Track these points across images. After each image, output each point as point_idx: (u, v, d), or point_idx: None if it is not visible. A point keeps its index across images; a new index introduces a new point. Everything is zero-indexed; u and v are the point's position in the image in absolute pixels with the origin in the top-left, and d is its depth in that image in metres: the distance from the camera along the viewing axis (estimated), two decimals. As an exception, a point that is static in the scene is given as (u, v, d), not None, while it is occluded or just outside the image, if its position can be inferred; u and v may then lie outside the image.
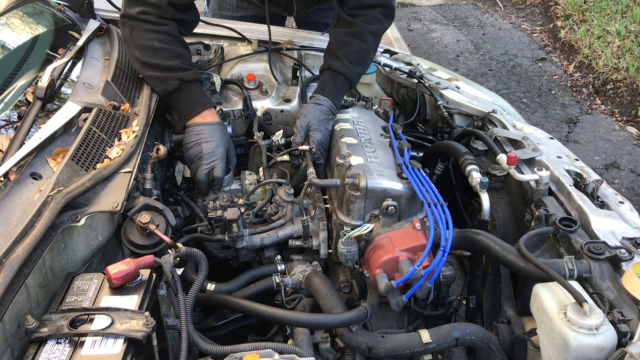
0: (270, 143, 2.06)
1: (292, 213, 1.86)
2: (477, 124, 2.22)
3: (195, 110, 2.00)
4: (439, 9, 7.53)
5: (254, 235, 1.82)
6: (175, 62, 2.00)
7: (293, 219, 1.86)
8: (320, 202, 1.85)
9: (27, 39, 2.06)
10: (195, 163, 1.95)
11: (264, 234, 1.83)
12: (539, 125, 4.79)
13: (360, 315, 1.52)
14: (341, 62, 2.14)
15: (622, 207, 1.65)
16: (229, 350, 1.30)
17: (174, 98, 2.02)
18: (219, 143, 1.96)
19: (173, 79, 1.98)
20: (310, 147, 1.94)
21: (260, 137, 2.08)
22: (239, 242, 1.78)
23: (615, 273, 1.42)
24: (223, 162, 1.95)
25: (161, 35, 2.01)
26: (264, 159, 2.01)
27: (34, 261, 1.24)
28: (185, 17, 2.11)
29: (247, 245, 1.81)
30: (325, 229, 1.81)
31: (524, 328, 1.64)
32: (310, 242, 1.82)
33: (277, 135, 2.07)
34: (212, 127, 1.99)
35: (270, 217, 1.86)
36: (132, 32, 2.03)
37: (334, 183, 1.72)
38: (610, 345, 1.24)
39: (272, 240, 1.84)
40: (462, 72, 5.74)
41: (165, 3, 1.99)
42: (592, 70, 5.57)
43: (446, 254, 1.49)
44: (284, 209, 1.86)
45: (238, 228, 1.74)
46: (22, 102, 1.71)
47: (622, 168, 4.37)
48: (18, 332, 1.19)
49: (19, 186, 1.41)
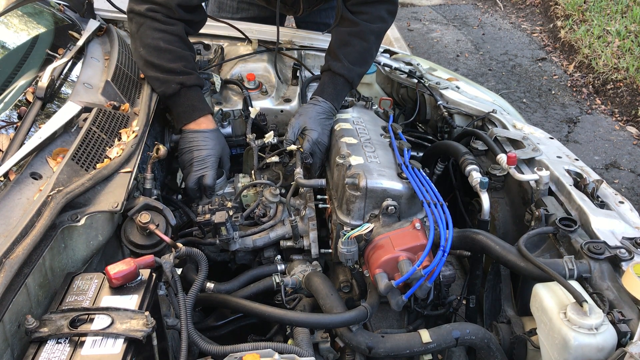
0: (262, 144, 2.07)
1: (284, 214, 1.86)
2: (477, 123, 2.22)
3: (192, 117, 2.00)
4: (439, 8, 7.53)
5: (245, 237, 1.82)
6: (178, 64, 1.99)
7: (284, 220, 1.86)
8: (311, 202, 1.85)
9: (27, 39, 2.06)
10: (187, 169, 1.96)
11: (255, 236, 1.84)
12: (539, 125, 4.79)
13: (360, 315, 1.52)
14: (341, 63, 2.12)
15: (622, 207, 1.65)
16: (229, 350, 1.30)
17: (173, 101, 2.02)
18: (211, 152, 1.96)
19: (174, 82, 1.98)
20: (298, 147, 1.94)
21: (253, 139, 2.08)
22: (232, 244, 1.79)
23: (615, 273, 1.42)
24: (213, 170, 1.95)
25: (168, 35, 2.00)
26: (255, 161, 2.02)
27: (34, 261, 1.24)
28: (193, 17, 2.11)
29: (241, 247, 1.81)
30: (315, 229, 1.81)
31: (524, 328, 1.64)
32: (301, 243, 1.82)
33: (269, 136, 2.06)
34: (205, 135, 1.99)
35: (260, 218, 1.87)
36: (139, 29, 2.02)
37: (319, 183, 1.74)
38: (610, 345, 1.24)
39: (265, 242, 1.84)
40: (462, 72, 5.74)
41: (174, 4, 1.99)
42: (592, 70, 5.57)
43: (446, 253, 1.49)
44: (271, 209, 1.87)
45: (227, 231, 1.74)
46: (22, 102, 1.71)
47: (622, 168, 4.37)
48: (18, 331, 1.19)
49: (19, 186, 1.41)
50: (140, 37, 2.02)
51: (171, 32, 2.01)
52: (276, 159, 2.01)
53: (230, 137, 2.29)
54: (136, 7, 2.01)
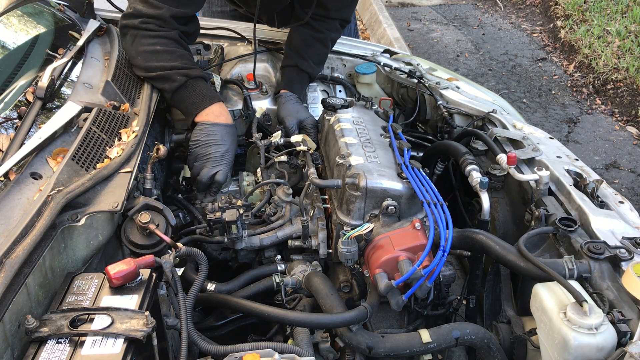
0: (268, 144, 2.07)
1: (291, 213, 1.86)
2: (477, 123, 2.22)
3: (204, 104, 1.99)
4: (439, 9, 7.53)
5: (253, 236, 1.82)
6: (178, 62, 2.00)
7: (292, 219, 1.86)
8: (319, 202, 1.85)
9: (27, 39, 2.06)
10: (200, 162, 1.94)
11: (263, 235, 1.83)
12: (539, 125, 4.79)
13: (360, 315, 1.52)
14: (307, 62, 2.34)
15: (622, 207, 1.65)
16: (229, 350, 1.30)
17: (180, 95, 2.00)
18: (230, 147, 1.96)
19: (178, 75, 1.98)
20: (308, 148, 1.95)
21: (259, 138, 2.08)
22: (238, 243, 1.78)
23: (615, 273, 1.42)
24: (228, 167, 1.95)
25: (163, 39, 2.01)
26: (262, 160, 2.01)
27: (34, 261, 1.25)
28: (187, 29, 2.12)
29: (246, 246, 1.81)
30: (325, 229, 1.80)
31: (524, 328, 1.64)
32: (310, 242, 1.82)
33: (276, 135, 2.07)
34: (226, 130, 1.98)
35: (269, 217, 1.86)
36: (134, 41, 2.02)
37: (335, 184, 1.72)
38: (610, 344, 1.24)
39: (272, 241, 1.83)
40: (462, 72, 5.74)
41: (168, 16, 1.98)
42: (592, 70, 5.57)
43: (446, 253, 1.49)
44: (282, 209, 1.86)
45: (237, 229, 1.74)
46: (22, 102, 1.71)
47: (622, 168, 4.38)
48: (18, 331, 1.19)
49: (19, 186, 1.41)
50: (136, 48, 2.02)
51: (167, 37, 2.02)
52: (284, 158, 2.01)
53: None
54: (129, 22, 2.01)
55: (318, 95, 2.63)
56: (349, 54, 2.70)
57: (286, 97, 2.25)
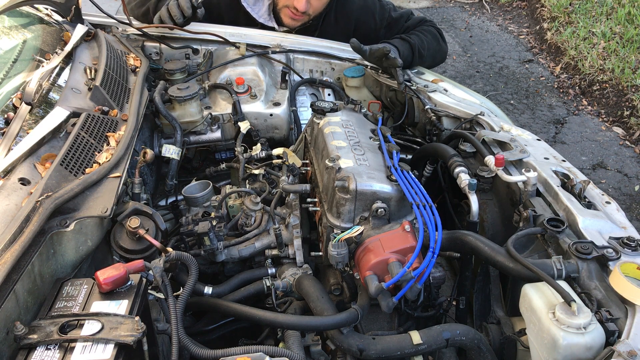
0: (249, 157, 2.08)
1: (268, 224, 1.86)
2: (465, 126, 2.24)
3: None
4: (427, 11, 7.56)
5: (231, 247, 1.82)
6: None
7: (269, 229, 1.86)
8: (297, 210, 1.86)
9: (15, 44, 2.05)
10: None
11: (240, 246, 1.83)
12: (527, 126, 4.82)
13: (351, 318, 1.52)
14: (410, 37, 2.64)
15: (609, 207, 1.67)
16: (220, 354, 1.30)
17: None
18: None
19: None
20: (283, 161, 1.98)
21: (241, 151, 2.10)
22: (218, 255, 1.79)
23: (603, 272, 1.43)
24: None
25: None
26: (240, 172, 2.03)
27: (22, 267, 1.24)
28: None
29: (227, 258, 1.81)
30: (300, 237, 1.81)
31: (514, 328, 1.65)
32: (286, 251, 1.82)
33: (256, 148, 2.09)
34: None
35: (243, 227, 1.87)
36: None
37: (303, 189, 1.75)
38: (599, 343, 1.25)
39: (251, 252, 1.84)
40: (449, 74, 5.77)
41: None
42: (578, 71, 5.62)
43: (436, 255, 1.50)
44: (252, 218, 1.87)
45: (210, 241, 1.73)
46: (10, 107, 1.70)
47: (608, 168, 4.42)
48: (7, 338, 1.18)
49: (7, 192, 1.40)
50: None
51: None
52: (262, 171, 2.03)
53: (220, 141, 2.29)
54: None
55: (307, 99, 2.63)
56: (337, 57, 2.71)
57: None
